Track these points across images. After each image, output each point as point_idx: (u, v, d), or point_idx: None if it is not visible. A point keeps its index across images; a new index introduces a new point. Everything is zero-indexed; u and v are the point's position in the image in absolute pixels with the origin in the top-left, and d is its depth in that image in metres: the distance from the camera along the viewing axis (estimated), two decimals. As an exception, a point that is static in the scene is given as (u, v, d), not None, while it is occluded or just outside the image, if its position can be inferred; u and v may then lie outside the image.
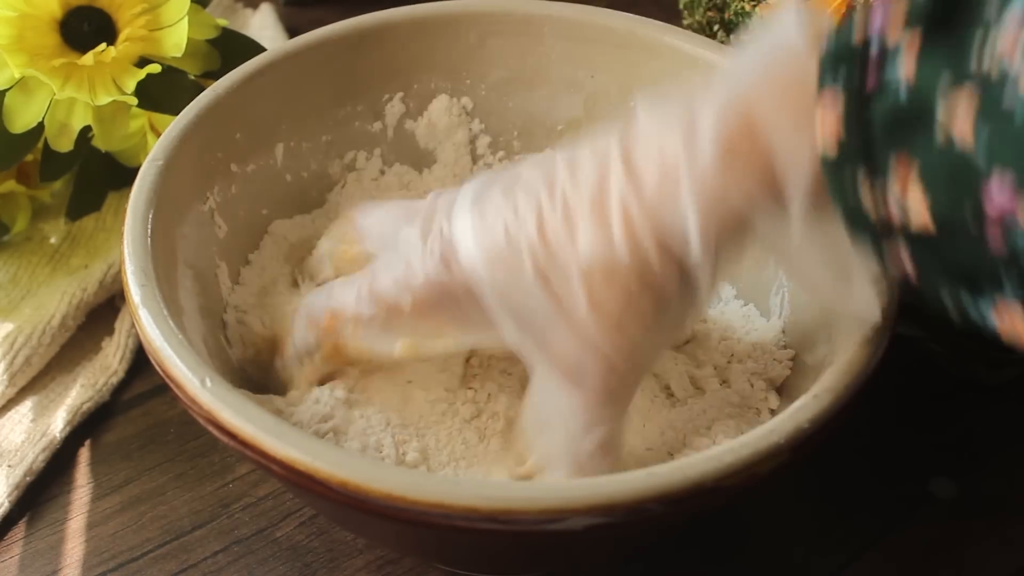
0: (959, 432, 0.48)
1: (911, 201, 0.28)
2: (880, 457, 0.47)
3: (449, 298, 0.36)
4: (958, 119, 0.26)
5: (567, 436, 0.36)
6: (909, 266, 0.30)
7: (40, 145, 0.51)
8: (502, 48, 0.50)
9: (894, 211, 0.29)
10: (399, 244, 0.37)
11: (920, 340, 0.49)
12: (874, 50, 0.28)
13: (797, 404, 0.34)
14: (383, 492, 0.31)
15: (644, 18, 0.48)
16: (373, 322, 0.37)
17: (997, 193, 0.26)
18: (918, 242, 0.29)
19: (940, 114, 0.27)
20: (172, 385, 0.35)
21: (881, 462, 0.47)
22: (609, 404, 0.36)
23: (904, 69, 0.28)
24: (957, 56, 0.27)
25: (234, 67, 0.46)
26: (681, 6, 0.56)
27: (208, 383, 0.34)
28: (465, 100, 0.51)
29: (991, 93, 0.26)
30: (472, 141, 0.52)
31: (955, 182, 0.27)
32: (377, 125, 0.50)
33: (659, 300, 0.34)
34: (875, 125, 0.28)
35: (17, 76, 0.47)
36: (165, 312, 0.36)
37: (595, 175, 0.34)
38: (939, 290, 0.29)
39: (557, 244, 0.34)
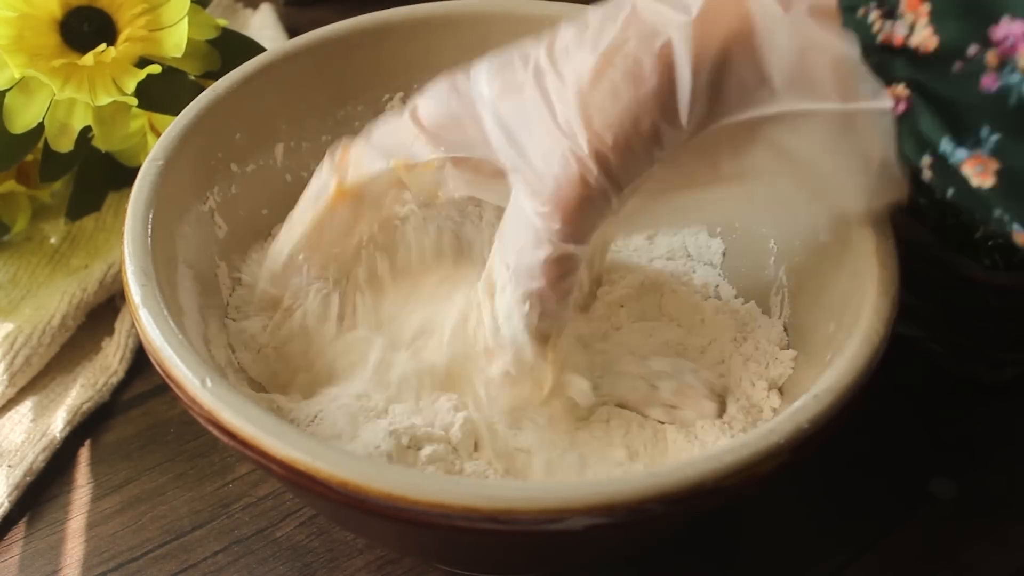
0: (959, 432, 0.48)
1: (919, 23, 0.29)
2: (880, 457, 0.47)
3: (453, 120, 0.38)
4: None
5: (517, 247, 0.36)
6: (903, 93, 0.31)
7: (40, 145, 0.51)
8: (502, 48, 0.50)
9: (900, 30, 0.30)
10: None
11: (920, 340, 0.49)
12: None
13: (797, 404, 0.34)
14: (383, 492, 0.31)
15: (644, 18, 0.48)
16: (378, 144, 0.40)
17: (1006, 27, 0.28)
18: (917, 63, 0.30)
19: None
20: (172, 385, 0.35)
21: (881, 462, 0.47)
22: (564, 221, 0.35)
23: None
24: None
25: (234, 67, 0.46)
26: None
27: (208, 383, 0.34)
28: (465, 100, 0.51)
29: None
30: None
31: (963, 16, 0.29)
32: (377, 125, 0.50)
33: (642, 109, 0.34)
34: None
35: (17, 76, 0.47)
36: (165, 312, 0.36)
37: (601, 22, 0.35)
38: (921, 132, 0.31)
39: (559, 53, 0.36)
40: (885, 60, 0.31)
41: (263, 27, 0.69)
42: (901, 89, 0.31)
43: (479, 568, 0.41)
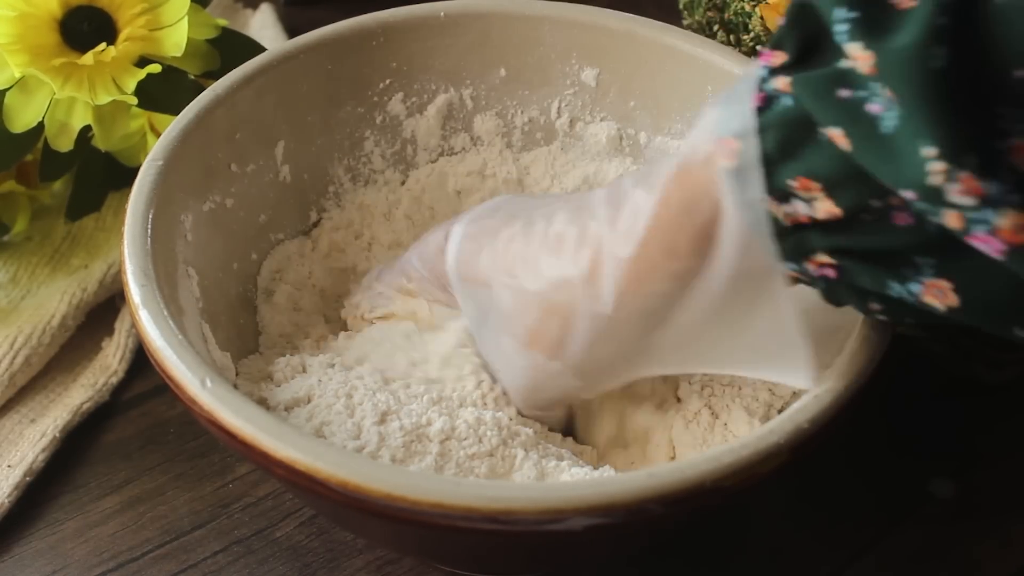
0: (959, 432, 0.48)
1: (816, 199, 0.30)
2: (879, 457, 0.47)
3: (436, 275, 0.43)
4: (835, 134, 0.29)
5: (503, 374, 0.42)
6: (827, 261, 0.31)
7: (40, 145, 0.51)
8: (502, 48, 0.50)
9: (801, 208, 0.31)
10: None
11: (920, 340, 0.49)
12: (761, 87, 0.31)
13: (797, 404, 0.34)
14: (383, 492, 0.31)
15: (644, 18, 0.48)
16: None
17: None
18: (829, 229, 0.31)
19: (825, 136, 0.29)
20: (172, 385, 0.35)
21: (881, 462, 0.47)
22: (553, 366, 0.39)
23: (778, 83, 0.30)
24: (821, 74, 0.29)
25: (234, 67, 0.46)
26: (681, 6, 0.56)
27: (208, 383, 0.34)
28: (465, 100, 0.51)
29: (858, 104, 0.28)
30: (472, 141, 0.52)
31: (854, 183, 0.29)
32: (376, 125, 0.50)
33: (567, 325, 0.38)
34: (768, 139, 0.30)
35: (17, 76, 0.47)
36: (165, 312, 0.36)
37: (567, 225, 0.38)
38: (858, 280, 0.31)
39: (510, 262, 0.40)
40: (799, 237, 0.31)
41: (263, 27, 0.69)
42: (825, 258, 0.31)
43: (479, 568, 0.41)
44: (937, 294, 0.30)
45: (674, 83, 0.48)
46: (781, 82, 0.30)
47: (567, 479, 0.38)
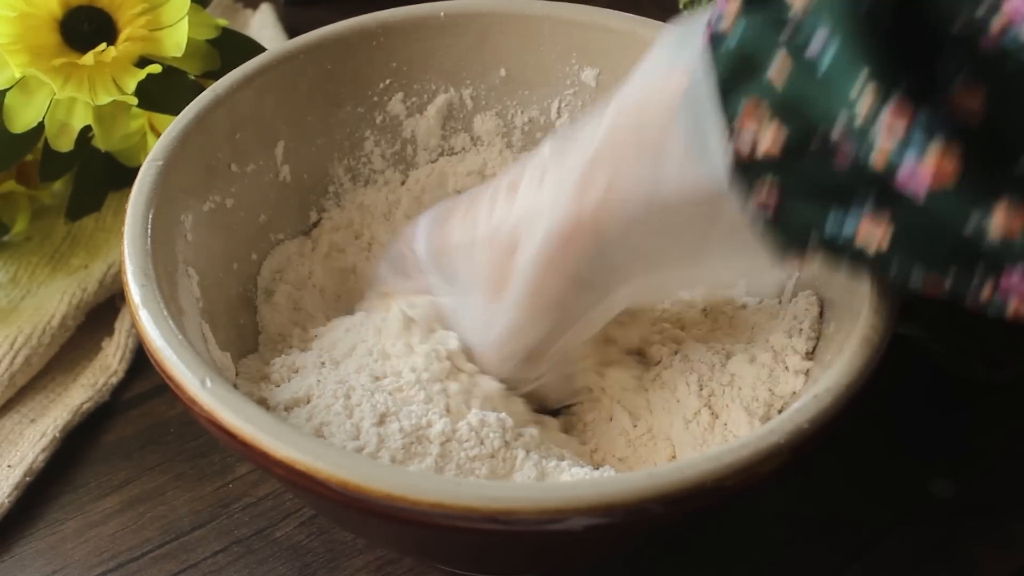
0: (959, 432, 0.48)
1: (762, 134, 0.31)
2: (879, 457, 0.47)
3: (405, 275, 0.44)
4: (775, 72, 0.30)
5: (474, 333, 0.42)
6: (768, 195, 0.32)
7: (40, 145, 0.51)
8: (502, 48, 0.50)
9: (744, 145, 0.31)
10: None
11: (920, 340, 0.49)
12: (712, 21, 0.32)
13: (797, 404, 0.34)
14: (383, 492, 0.31)
15: (644, 18, 0.48)
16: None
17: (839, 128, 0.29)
18: (770, 166, 0.31)
19: (770, 61, 0.30)
20: (172, 385, 0.35)
21: (880, 462, 0.47)
22: (501, 305, 0.40)
23: (724, 23, 0.31)
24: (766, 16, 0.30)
25: (234, 67, 0.46)
26: (681, 6, 0.56)
27: (208, 383, 0.34)
28: (465, 100, 0.51)
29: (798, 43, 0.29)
30: (472, 141, 0.52)
31: (803, 117, 0.30)
32: (376, 125, 0.50)
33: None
34: (719, 68, 0.31)
35: (17, 76, 0.47)
36: (165, 312, 0.36)
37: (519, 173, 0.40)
38: (797, 215, 0.32)
39: (471, 222, 0.41)
40: (744, 167, 0.32)
41: (263, 27, 0.69)
42: (767, 190, 0.32)
43: (479, 568, 0.41)
44: (872, 230, 0.30)
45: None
46: (728, 18, 0.31)
47: (567, 479, 0.38)
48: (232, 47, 0.52)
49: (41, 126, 0.49)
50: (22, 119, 0.49)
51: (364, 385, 0.40)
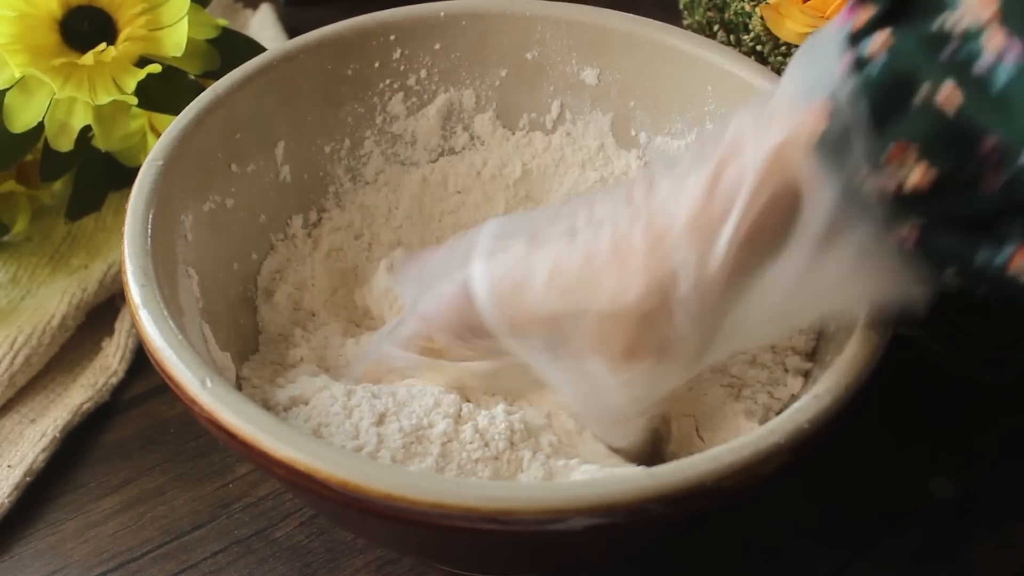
0: (959, 432, 0.48)
1: (911, 176, 0.29)
2: (879, 457, 0.47)
3: (467, 328, 0.39)
4: (941, 92, 0.28)
5: (597, 395, 0.38)
6: (910, 227, 0.30)
7: (40, 145, 0.51)
8: (502, 48, 0.50)
9: (890, 181, 0.30)
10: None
11: (920, 340, 0.49)
12: (850, 46, 0.30)
13: (797, 404, 0.34)
14: (383, 492, 0.31)
15: (644, 18, 0.48)
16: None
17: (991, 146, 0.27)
18: (916, 201, 0.30)
19: (922, 88, 0.28)
20: (172, 385, 0.35)
21: (880, 462, 0.47)
22: (630, 366, 0.37)
23: (872, 46, 0.29)
24: (922, 32, 0.28)
25: (234, 67, 0.46)
26: (681, 6, 0.56)
27: (208, 383, 0.34)
28: (465, 100, 0.51)
29: (965, 63, 0.27)
30: (472, 141, 0.52)
31: (952, 146, 0.28)
32: (376, 125, 0.50)
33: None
34: (863, 103, 0.29)
35: (17, 76, 0.47)
36: (165, 312, 0.36)
37: (615, 228, 0.36)
38: (941, 248, 0.30)
39: (570, 288, 0.36)
40: (889, 207, 0.31)
41: (263, 27, 0.69)
42: (910, 226, 0.31)
43: (479, 568, 0.41)
44: None
45: (674, 83, 0.48)
46: (877, 40, 0.29)
47: (579, 477, 0.38)
48: (232, 47, 0.52)
49: (41, 126, 0.49)
50: (22, 119, 0.49)
51: (367, 387, 0.40)
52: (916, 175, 0.29)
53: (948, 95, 0.28)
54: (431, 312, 0.40)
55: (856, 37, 0.30)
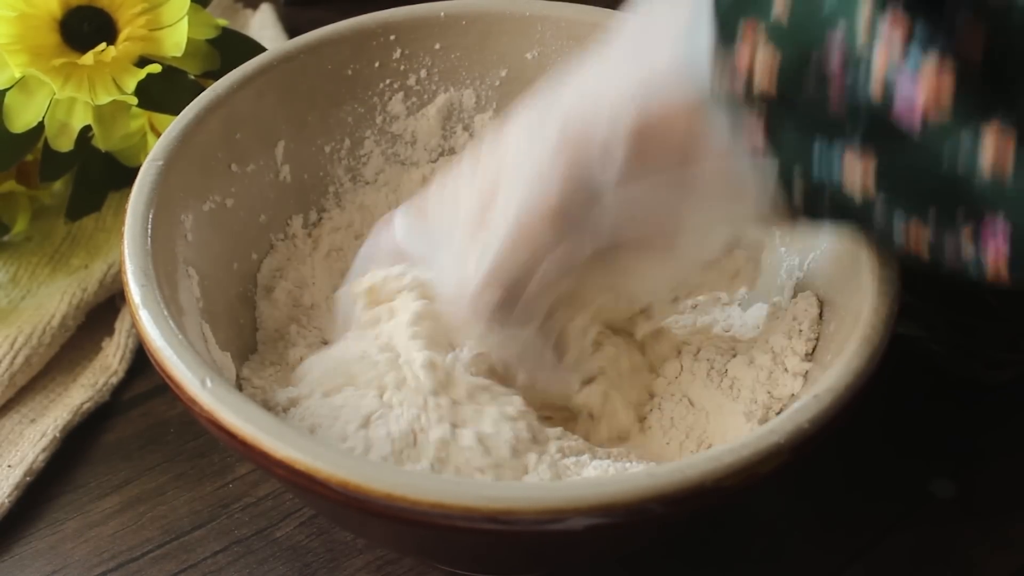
0: (959, 432, 0.48)
1: (758, 62, 0.30)
2: (879, 457, 0.47)
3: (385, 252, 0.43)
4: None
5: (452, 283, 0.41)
6: (757, 131, 0.31)
7: (40, 145, 0.51)
8: (502, 48, 0.50)
9: (739, 80, 0.31)
10: None
11: (920, 340, 0.49)
12: None
13: (797, 404, 0.34)
14: (383, 492, 0.31)
15: (644, 18, 0.48)
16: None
17: (836, 50, 0.28)
18: (763, 103, 0.30)
19: None
20: (172, 385, 0.35)
21: (880, 462, 0.47)
22: (487, 232, 0.38)
23: None
24: None
25: (234, 67, 0.46)
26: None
27: (208, 383, 0.34)
28: (465, 100, 0.51)
29: None
30: (472, 140, 0.52)
31: (799, 38, 0.29)
32: (376, 125, 0.50)
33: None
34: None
35: (17, 76, 0.47)
36: (165, 312, 0.36)
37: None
38: (785, 151, 0.31)
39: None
40: (736, 102, 0.31)
41: (263, 27, 0.69)
42: (755, 123, 0.31)
43: (479, 568, 0.41)
44: (856, 166, 0.29)
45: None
46: None
47: (590, 474, 0.38)
48: (232, 47, 0.52)
49: (41, 126, 0.49)
50: (22, 119, 0.49)
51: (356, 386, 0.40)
52: (764, 63, 0.30)
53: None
54: (369, 243, 0.44)
55: None
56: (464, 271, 0.39)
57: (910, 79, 0.27)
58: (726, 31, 0.31)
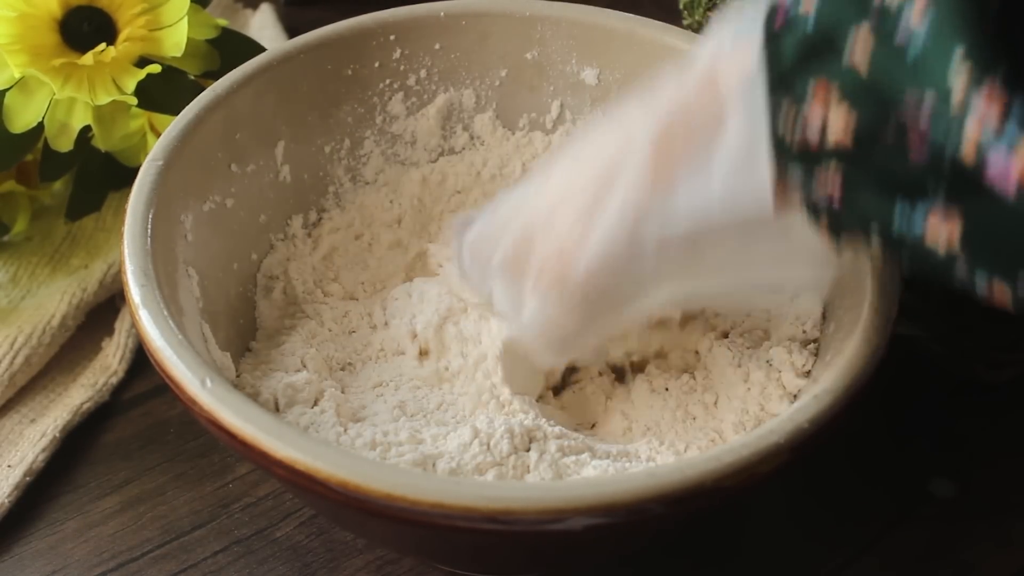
0: (959, 432, 0.48)
1: (832, 119, 0.29)
2: (879, 457, 0.47)
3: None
4: (856, 52, 0.28)
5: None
6: (833, 183, 0.30)
7: (40, 145, 0.51)
8: (502, 48, 0.50)
9: (812, 133, 0.30)
10: None
11: (920, 340, 0.49)
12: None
13: (797, 404, 0.34)
14: (383, 492, 0.31)
15: (644, 18, 0.48)
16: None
17: (922, 113, 0.28)
18: (838, 157, 0.30)
19: (848, 41, 0.29)
20: (172, 385, 0.35)
21: (880, 462, 0.47)
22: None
23: (804, 5, 0.30)
24: None
25: (234, 67, 0.46)
26: (681, 6, 0.56)
27: (208, 383, 0.34)
28: (465, 100, 0.51)
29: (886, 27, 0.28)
30: (472, 140, 0.52)
31: (876, 99, 0.29)
32: (376, 125, 0.50)
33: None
34: (785, 56, 0.30)
35: (17, 76, 0.47)
36: (165, 312, 0.36)
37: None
38: (863, 206, 0.30)
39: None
40: (810, 153, 0.30)
41: (263, 27, 0.69)
42: (832, 174, 0.30)
43: (479, 568, 0.41)
44: (941, 227, 0.28)
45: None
46: (805, 5, 0.30)
47: (590, 473, 0.38)
48: (232, 47, 0.52)
49: (41, 126, 0.49)
50: (22, 119, 0.49)
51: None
52: (839, 121, 0.29)
53: (861, 51, 0.28)
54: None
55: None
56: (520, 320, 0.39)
57: (1005, 154, 0.26)
58: (797, 90, 0.30)
